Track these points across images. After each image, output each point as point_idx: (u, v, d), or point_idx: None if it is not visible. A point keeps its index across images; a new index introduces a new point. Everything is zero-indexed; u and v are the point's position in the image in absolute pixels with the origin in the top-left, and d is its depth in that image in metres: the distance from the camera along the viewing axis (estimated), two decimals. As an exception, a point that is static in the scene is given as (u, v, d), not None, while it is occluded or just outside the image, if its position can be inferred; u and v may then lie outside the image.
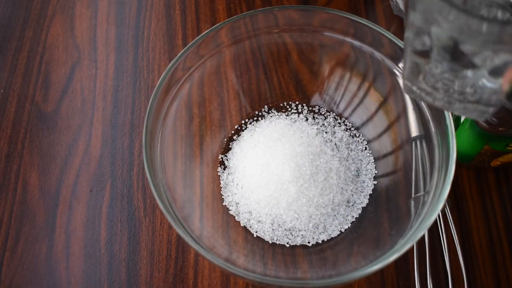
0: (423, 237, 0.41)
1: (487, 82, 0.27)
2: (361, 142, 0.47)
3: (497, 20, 0.24)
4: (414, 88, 0.31)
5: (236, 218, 0.44)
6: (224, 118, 0.48)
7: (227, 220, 0.44)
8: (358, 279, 0.35)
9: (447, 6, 0.24)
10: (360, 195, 0.45)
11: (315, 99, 0.50)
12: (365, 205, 0.44)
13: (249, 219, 0.44)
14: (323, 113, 0.49)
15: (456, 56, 0.27)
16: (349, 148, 0.47)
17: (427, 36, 0.27)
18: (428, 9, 0.26)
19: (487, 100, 0.29)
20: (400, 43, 0.41)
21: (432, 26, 0.26)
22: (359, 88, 0.47)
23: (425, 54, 0.28)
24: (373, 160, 0.46)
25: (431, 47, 0.27)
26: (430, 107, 0.40)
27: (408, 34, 0.29)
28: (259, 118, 0.49)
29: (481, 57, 0.26)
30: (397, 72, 0.43)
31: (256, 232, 0.43)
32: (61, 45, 0.56)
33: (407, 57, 0.30)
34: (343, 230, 0.43)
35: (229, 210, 0.44)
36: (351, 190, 0.45)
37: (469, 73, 0.27)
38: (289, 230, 0.43)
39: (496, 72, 0.27)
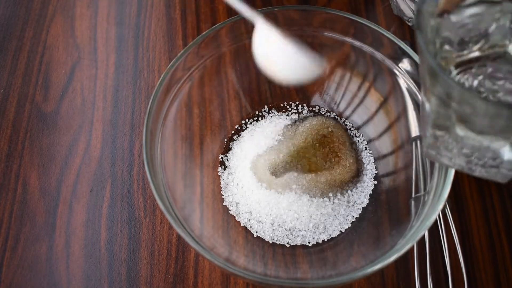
0: (423, 237, 0.41)
1: (508, 152, 0.28)
2: (361, 142, 0.47)
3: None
4: (434, 153, 0.32)
5: (236, 218, 0.44)
6: (224, 118, 0.48)
7: (227, 220, 0.44)
8: (358, 279, 0.35)
9: (457, 86, 0.24)
10: (360, 195, 0.45)
11: (315, 99, 0.50)
12: (365, 205, 0.44)
13: (249, 219, 0.44)
14: (323, 113, 0.49)
15: (475, 131, 0.27)
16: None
17: (447, 118, 0.27)
18: (442, 91, 0.26)
19: (508, 166, 0.29)
20: (400, 43, 0.41)
21: (450, 106, 0.26)
22: (359, 88, 0.47)
23: (445, 128, 0.28)
24: (373, 160, 0.46)
25: (452, 124, 0.28)
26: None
27: (429, 110, 0.29)
28: (259, 118, 0.49)
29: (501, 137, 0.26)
30: (397, 72, 0.43)
31: (256, 232, 0.43)
32: (61, 45, 0.56)
33: (428, 128, 0.30)
34: (343, 230, 0.43)
35: (229, 210, 0.44)
36: (351, 190, 0.45)
37: (489, 144, 0.28)
38: (289, 230, 0.43)
39: None
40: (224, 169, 0.47)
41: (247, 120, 0.49)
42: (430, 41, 0.28)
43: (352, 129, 0.48)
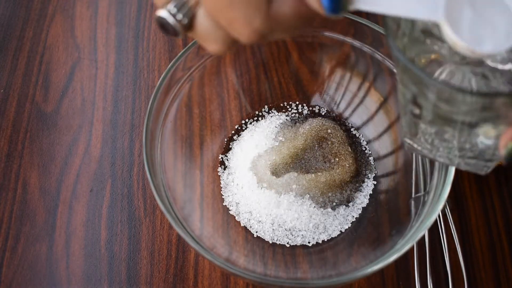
0: (423, 237, 0.41)
1: (483, 140, 0.28)
2: (361, 142, 0.47)
3: (480, 92, 0.24)
4: (415, 145, 0.31)
5: (236, 218, 0.44)
6: (224, 118, 0.48)
7: (227, 220, 0.44)
8: (358, 279, 0.35)
9: (428, 79, 0.24)
10: (360, 195, 0.45)
11: (315, 99, 0.50)
12: (365, 205, 0.44)
13: (249, 219, 0.44)
14: (323, 113, 0.49)
15: (448, 120, 0.27)
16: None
17: (416, 104, 0.27)
18: (412, 82, 0.26)
19: (485, 156, 0.29)
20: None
21: (419, 97, 0.26)
22: (359, 88, 0.47)
23: (418, 116, 0.28)
24: (373, 160, 0.46)
25: (422, 112, 0.28)
26: None
27: (400, 99, 0.29)
28: (259, 118, 0.49)
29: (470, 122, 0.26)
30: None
31: (256, 232, 0.43)
32: (61, 45, 0.56)
33: (403, 117, 0.30)
34: (343, 230, 0.43)
35: (229, 210, 0.44)
36: (351, 190, 0.45)
37: (464, 133, 0.27)
38: (289, 230, 0.43)
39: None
40: (224, 169, 0.47)
41: (247, 120, 0.49)
42: (400, 35, 0.28)
43: (352, 129, 0.48)
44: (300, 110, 0.49)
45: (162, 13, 0.24)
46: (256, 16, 0.22)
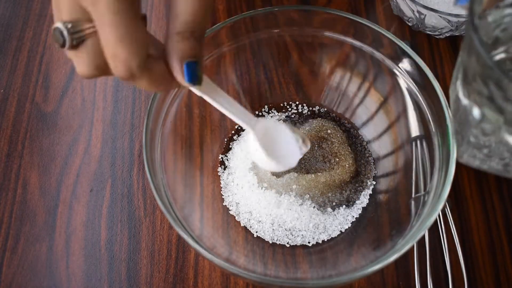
0: (423, 237, 0.41)
1: None
2: (361, 142, 0.47)
3: None
4: (471, 159, 0.31)
5: (236, 218, 0.44)
6: (224, 118, 0.48)
7: (227, 220, 0.44)
8: (358, 279, 0.35)
9: None
10: (360, 195, 0.45)
11: (315, 99, 0.50)
12: (365, 205, 0.44)
13: (249, 219, 0.44)
14: (323, 112, 0.49)
15: None
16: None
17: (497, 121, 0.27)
18: (493, 82, 0.25)
19: None
20: (400, 43, 0.41)
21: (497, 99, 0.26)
22: (359, 88, 0.47)
23: (492, 132, 0.28)
24: (373, 160, 0.46)
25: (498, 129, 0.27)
26: (430, 107, 0.40)
27: (477, 114, 0.28)
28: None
29: None
30: (397, 72, 0.43)
31: (256, 232, 0.43)
32: (61, 45, 0.56)
33: (470, 133, 0.30)
34: (343, 230, 0.43)
35: (229, 210, 0.44)
36: (351, 191, 0.45)
37: None
38: (289, 230, 0.43)
39: None
40: (224, 169, 0.47)
41: (247, 120, 0.49)
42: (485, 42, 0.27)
43: (352, 129, 0.48)
44: (300, 110, 0.49)
45: (59, 25, 0.27)
46: (134, 59, 0.26)
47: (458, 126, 0.31)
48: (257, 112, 0.49)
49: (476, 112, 0.28)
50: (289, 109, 0.49)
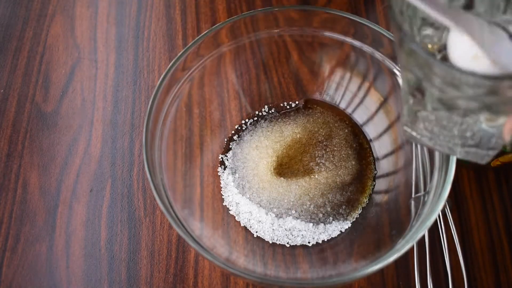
0: (423, 237, 0.41)
1: (485, 127, 0.27)
2: (363, 143, 0.47)
3: (488, 75, 0.24)
4: (414, 134, 0.31)
5: (236, 218, 0.44)
6: (224, 118, 0.48)
7: (227, 220, 0.44)
8: (358, 279, 0.35)
9: (432, 60, 0.24)
10: (360, 195, 0.45)
11: (316, 99, 0.50)
12: (365, 205, 0.44)
13: (249, 219, 0.44)
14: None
15: (451, 106, 0.27)
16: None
17: (420, 90, 0.27)
18: (418, 66, 0.26)
19: (487, 144, 0.29)
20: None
21: (424, 81, 0.26)
22: (359, 88, 0.47)
23: (421, 102, 0.28)
24: (374, 160, 0.46)
25: (425, 98, 0.27)
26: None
27: (403, 85, 0.29)
28: (259, 118, 0.49)
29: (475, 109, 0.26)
30: (397, 72, 0.43)
31: (256, 232, 0.43)
32: (61, 45, 0.56)
33: (404, 104, 0.30)
34: (343, 230, 0.43)
35: (229, 210, 0.44)
36: (351, 191, 0.45)
37: (466, 119, 0.27)
38: (289, 230, 0.43)
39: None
40: (224, 169, 0.47)
41: (247, 120, 0.49)
42: (405, 19, 0.28)
43: (355, 128, 0.48)
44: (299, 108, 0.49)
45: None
46: None
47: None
48: (257, 112, 0.49)
49: (402, 83, 0.29)
50: (289, 109, 0.49)
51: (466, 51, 0.26)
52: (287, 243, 0.43)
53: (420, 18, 0.28)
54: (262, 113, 0.49)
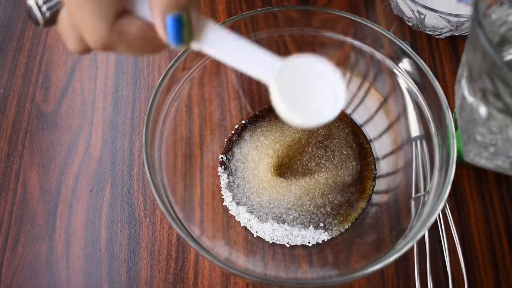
0: (423, 237, 0.41)
1: None
2: (363, 143, 0.47)
3: None
4: (471, 154, 0.31)
5: (236, 218, 0.44)
6: (224, 118, 0.48)
7: (227, 220, 0.44)
8: (358, 279, 0.35)
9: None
10: (360, 195, 0.45)
11: (315, 99, 0.50)
12: (365, 205, 0.44)
13: (250, 219, 0.44)
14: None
15: None
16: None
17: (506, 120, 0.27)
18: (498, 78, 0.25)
19: None
20: (400, 43, 0.41)
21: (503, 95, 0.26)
22: (359, 88, 0.47)
23: (499, 131, 0.28)
24: (374, 160, 0.46)
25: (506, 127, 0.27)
26: (430, 107, 0.40)
27: (484, 113, 0.28)
28: (259, 118, 0.49)
29: None
30: (397, 72, 0.43)
31: (256, 232, 0.43)
32: (61, 45, 0.56)
33: (476, 132, 0.30)
34: (343, 230, 0.43)
35: (229, 210, 0.44)
36: (351, 191, 0.45)
37: None
38: (289, 230, 0.43)
39: None
40: (224, 169, 0.47)
41: (247, 120, 0.49)
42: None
43: (355, 128, 0.48)
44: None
45: (30, 2, 0.25)
46: (100, 25, 0.23)
47: (464, 124, 0.30)
48: (257, 112, 0.49)
49: (482, 110, 0.28)
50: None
51: None
52: (287, 243, 0.43)
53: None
54: (262, 113, 0.49)
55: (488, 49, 0.25)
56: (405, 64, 0.42)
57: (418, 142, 0.42)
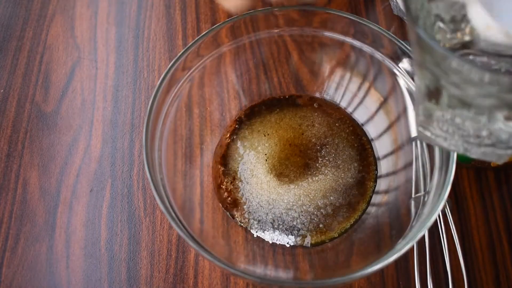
0: (423, 237, 0.41)
1: (503, 126, 0.27)
2: (365, 144, 0.47)
3: (499, 70, 0.24)
4: (429, 134, 0.31)
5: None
6: (224, 118, 0.48)
7: (227, 220, 0.44)
8: (358, 279, 0.35)
9: (450, 55, 0.24)
10: (360, 196, 0.45)
11: (315, 99, 0.50)
12: (365, 206, 0.44)
13: (250, 219, 0.44)
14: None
15: (468, 105, 0.26)
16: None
17: (436, 88, 0.27)
18: (435, 64, 0.25)
19: (504, 143, 0.28)
20: (400, 43, 0.41)
21: (440, 79, 0.26)
22: (359, 88, 0.47)
23: (436, 100, 0.28)
24: (374, 161, 0.46)
25: (442, 97, 0.27)
26: None
27: (419, 85, 0.28)
28: (259, 118, 0.49)
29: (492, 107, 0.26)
30: (397, 72, 0.43)
31: (256, 232, 0.43)
32: (61, 45, 0.56)
33: (419, 104, 0.30)
34: (343, 230, 0.43)
35: (229, 210, 0.44)
36: (352, 192, 0.45)
37: (483, 118, 0.27)
38: (290, 230, 0.43)
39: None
40: (225, 169, 0.47)
41: (244, 118, 0.49)
42: (420, 15, 0.27)
43: (357, 128, 0.48)
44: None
45: None
46: None
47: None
48: (255, 108, 0.49)
49: (417, 81, 0.28)
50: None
51: (479, 21, 0.25)
52: (287, 243, 0.43)
53: (434, 15, 0.28)
54: (261, 113, 0.49)
55: (409, 16, 0.25)
56: (405, 64, 0.42)
57: (418, 142, 0.42)
